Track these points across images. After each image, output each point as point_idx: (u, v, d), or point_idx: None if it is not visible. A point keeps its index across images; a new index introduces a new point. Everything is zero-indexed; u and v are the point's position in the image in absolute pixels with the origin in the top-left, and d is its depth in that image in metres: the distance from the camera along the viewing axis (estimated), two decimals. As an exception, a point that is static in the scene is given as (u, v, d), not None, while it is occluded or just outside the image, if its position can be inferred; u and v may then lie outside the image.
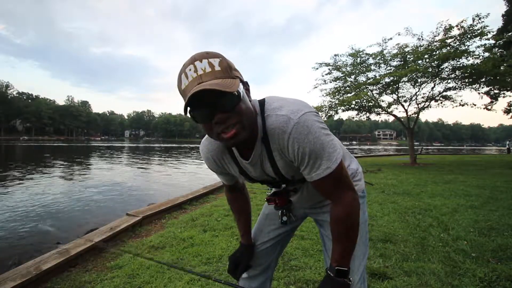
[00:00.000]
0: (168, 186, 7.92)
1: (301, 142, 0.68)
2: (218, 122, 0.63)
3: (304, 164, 0.72)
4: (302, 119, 0.68)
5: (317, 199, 0.98)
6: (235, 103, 0.63)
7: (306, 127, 0.68)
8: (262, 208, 1.18)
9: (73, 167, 12.17)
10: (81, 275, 2.08)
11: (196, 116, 0.65)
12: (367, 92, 11.19)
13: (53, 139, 70.19)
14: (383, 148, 46.80)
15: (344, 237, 0.77)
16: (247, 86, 0.73)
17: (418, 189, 5.38)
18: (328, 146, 0.70)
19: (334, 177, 0.73)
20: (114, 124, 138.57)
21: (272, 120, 0.71)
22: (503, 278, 1.88)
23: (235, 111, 0.63)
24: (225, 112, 0.63)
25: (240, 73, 0.70)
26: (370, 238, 2.67)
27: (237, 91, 0.62)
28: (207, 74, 0.62)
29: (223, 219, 3.39)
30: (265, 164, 0.81)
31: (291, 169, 0.80)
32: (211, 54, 0.64)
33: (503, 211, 3.60)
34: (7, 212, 4.91)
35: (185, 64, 0.64)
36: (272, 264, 1.12)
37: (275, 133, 0.71)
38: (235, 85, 0.62)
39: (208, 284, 1.90)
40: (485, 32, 9.04)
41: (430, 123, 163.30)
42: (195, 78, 0.62)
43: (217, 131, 0.65)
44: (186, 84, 0.63)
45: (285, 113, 0.70)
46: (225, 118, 0.63)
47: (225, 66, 0.64)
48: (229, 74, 0.64)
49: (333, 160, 0.71)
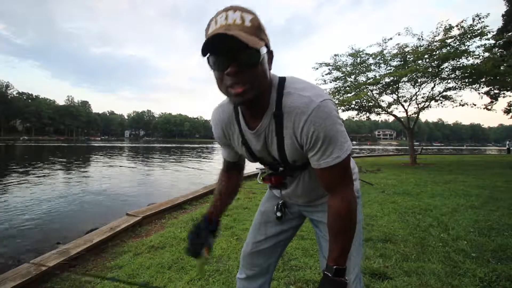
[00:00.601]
0: (168, 186, 7.92)
1: (318, 126, 0.68)
2: (230, 74, 0.62)
3: (315, 149, 0.72)
4: (324, 103, 0.68)
5: (313, 195, 0.97)
6: (253, 61, 0.62)
7: (325, 112, 0.68)
8: (259, 206, 1.16)
9: (73, 167, 12.17)
10: (81, 275, 2.08)
11: (212, 61, 0.63)
12: (367, 92, 11.18)
13: (53, 139, 70.19)
14: (383, 149, 46.78)
15: (343, 235, 0.76)
16: (271, 56, 0.71)
17: (418, 189, 5.38)
18: (341, 135, 0.71)
19: (342, 168, 0.73)
20: (114, 124, 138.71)
21: (293, 98, 0.71)
22: (503, 278, 1.88)
23: (250, 70, 0.62)
24: (240, 66, 0.61)
25: (268, 38, 0.69)
26: (370, 238, 2.67)
27: (258, 50, 0.61)
28: (236, 25, 0.60)
29: (223, 219, 3.38)
30: (270, 140, 0.80)
31: (296, 152, 0.78)
32: (247, 9, 0.64)
33: (503, 211, 3.59)
34: (7, 212, 4.91)
35: (219, 11, 0.63)
36: (271, 267, 1.10)
37: (294, 112, 0.70)
38: (259, 44, 0.61)
39: (208, 284, 1.90)
40: (485, 32, 9.04)
41: (430, 123, 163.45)
42: (223, 26, 0.60)
43: (227, 83, 0.64)
44: (213, 28, 0.62)
45: (308, 95, 0.69)
46: (237, 72, 0.61)
47: (256, 25, 0.63)
48: (257, 34, 0.63)
49: (344, 150, 0.71)
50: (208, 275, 2.02)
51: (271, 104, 0.74)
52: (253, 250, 1.08)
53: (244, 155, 0.91)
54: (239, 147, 0.89)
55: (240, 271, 1.11)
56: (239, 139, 0.86)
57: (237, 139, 0.87)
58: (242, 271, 1.09)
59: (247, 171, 7.42)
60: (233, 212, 3.68)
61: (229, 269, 2.11)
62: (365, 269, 2.02)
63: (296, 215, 1.09)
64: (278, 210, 1.04)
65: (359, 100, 11.36)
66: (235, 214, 3.58)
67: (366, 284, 1.84)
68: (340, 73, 11.94)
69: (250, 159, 0.92)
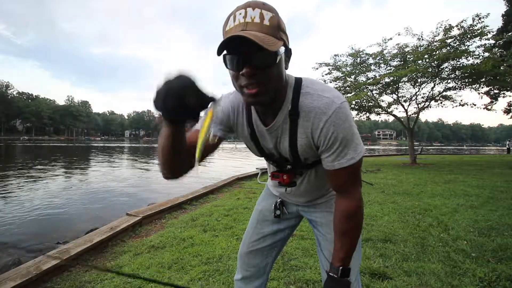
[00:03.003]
0: (168, 186, 7.92)
1: (337, 127, 0.69)
2: (244, 75, 0.61)
3: (331, 150, 0.72)
4: (343, 105, 0.70)
5: (314, 195, 0.97)
6: (268, 63, 0.61)
7: (345, 115, 0.70)
8: (255, 205, 1.16)
9: (73, 167, 12.17)
10: (81, 275, 2.08)
11: (228, 60, 0.63)
12: (367, 92, 11.18)
13: (53, 139, 70.14)
14: (383, 149, 46.75)
15: (350, 234, 0.77)
16: (289, 54, 0.70)
17: (418, 189, 5.38)
18: (357, 137, 0.73)
19: (354, 169, 0.74)
20: (114, 124, 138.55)
21: (313, 98, 0.71)
22: (503, 278, 1.88)
23: (265, 72, 0.62)
24: (255, 68, 0.61)
25: (287, 37, 0.67)
26: (370, 238, 2.67)
27: (275, 52, 0.60)
28: (254, 24, 0.59)
29: (223, 219, 3.39)
30: (282, 138, 0.79)
31: (309, 151, 0.78)
32: (267, 6, 0.62)
33: (503, 211, 3.59)
34: (7, 212, 4.91)
35: (238, 7, 0.62)
36: (267, 268, 1.09)
37: (313, 112, 0.71)
38: (276, 46, 0.60)
39: (208, 284, 1.90)
40: (485, 32, 9.03)
41: (430, 123, 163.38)
42: (241, 24, 0.59)
43: (241, 83, 0.64)
44: (230, 27, 0.61)
45: (329, 96, 0.70)
46: (252, 74, 0.61)
47: (274, 24, 0.61)
48: (275, 33, 0.61)
49: (358, 152, 0.73)
50: (208, 275, 2.02)
51: (287, 102, 0.74)
52: (249, 250, 1.07)
53: (251, 149, 0.91)
54: (246, 140, 0.88)
55: (237, 272, 1.11)
56: (247, 132, 0.84)
57: (243, 131, 0.85)
58: (239, 272, 1.09)
59: (247, 171, 7.44)
60: (233, 212, 3.68)
61: (229, 269, 2.11)
62: (365, 269, 2.02)
63: (294, 215, 1.09)
64: (277, 208, 1.03)
65: (359, 100, 11.35)
66: (235, 214, 3.58)
67: (366, 284, 1.84)
68: (340, 73, 11.94)
69: (257, 154, 0.91)
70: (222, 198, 4.70)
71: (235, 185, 6.05)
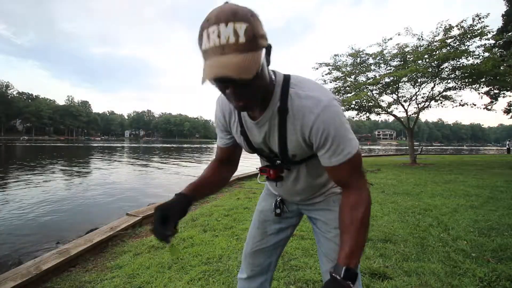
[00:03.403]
0: (168, 186, 7.92)
1: (327, 125, 0.70)
2: (228, 95, 0.66)
3: (325, 148, 0.73)
4: (332, 103, 0.71)
5: (309, 191, 0.96)
6: (250, 82, 0.62)
7: (334, 112, 0.71)
8: (256, 206, 1.16)
9: (73, 167, 12.17)
10: (81, 275, 2.08)
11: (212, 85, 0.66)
12: (367, 92, 11.17)
13: (53, 139, 70.14)
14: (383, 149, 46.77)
15: (358, 230, 0.72)
16: (269, 50, 0.68)
17: (418, 189, 5.38)
18: (349, 133, 0.73)
19: (353, 163, 0.74)
20: (114, 124, 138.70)
21: (301, 97, 0.72)
22: (503, 278, 1.88)
23: (249, 87, 0.64)
24: (238, 88, 0.63)
25: (266, 35, 0.64)
26: (370, 238, 2.67)
27: (256, 70, 0.59)
28: (229, 46, 0.57)
29: (223, 219, 3.39)
30: (271, 133, 0.80)
31: (298, 149, 0.79)
32: (239, 16, 0.57)
33: (503, 211, 3.60)
34: (7, 212, 4.91)
35: (209, 19, 0.58)
36: (272, 266, 1.09)
37: (301, 111, 0.72)
38: (256, 65, 0.59)
39: (208, 284, 1.90)
40: (485, 32, 9.03)
41: (430, 123, 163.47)
42: (218, 47, 0.57)
43: (229, 99, 0.68)
44: (206, 47, 0.59)
45: (317, 95, 0.72)
46: (237, 91, 0.64)
47: (250, 36, 0.58)
48: (253, 47, 0.59)
49: (353, 146, 0.73)
50: (208, 275, 2.02)
51: (274, 99, 0.75)
52: (253, 250, 1.07)
53: (241, 144, 0.92)
54: (237, 136, 0.90)
55: (241, 271, 1.11)
56: (238, 128, 0.87)
57: (235, 128, 0.89)
58: (243, 271, 1.09)
59: (247, 171, 7.43)
60: (233, 212, 3.68)
61: (229, 269, 2.11)
62: (365, 269, 2.03)
63: (295, 213, 1.09)
64: (277, 207, 1.04)
65: (359, 100, 11.35)
66: (235, 214, 3.58)
67: (366, 284, 1.84)
68: (340, 73, 11.94)
69: (247, 150, 0.92)
70: (222, 198, 4.70)
71: (235, 185, 6.04)
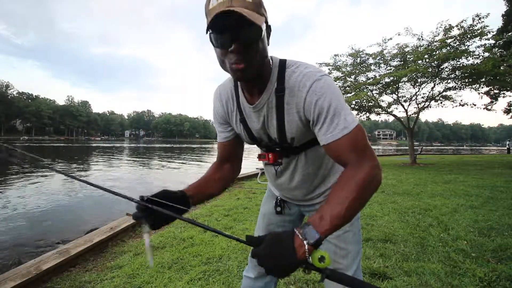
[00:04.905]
0: (168, 186, 7.91)
1: (320, 94, 0.69)
2: (234, 51, 0.63)
3: (320, 122, 0.70)
4: (325, 78, 0.71)
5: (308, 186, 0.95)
6: (255, 37, 0.63)
7: (327, 85, 0.70)
8: (260, 208, 1.18)
9: (73, 167, 12.17)
10: (81, 275, 2.08)
11: (216, 39, 0.64)
12: (367, 92, 11.18)
13: (53, 139, 70.13)
14: (383, 149, 46.76)
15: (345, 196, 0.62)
16: (269, 31, 0.72)
17: (418, 189, 5.38)
18: (345, 108, 0.70)
19: (351, 140, 0.67)
20: (114, 124, 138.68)
21: (296, 74, 0.73)
22: (503, 278, 1.88)
23: (252, 47, 0.64)
24: (243, 44, 0.63)
25: (267, 14, 0.70)
26: (370, 238, 2.67)
27: (260, 26, 0.62)
28: (238, 0, 0.60)
29: (223, 219, 3.39)
30: (270, 116, 0.80)
31: (296, 129, 0.78)
32: None
33: (503, 211, 3.59)
34: (7, 212, 4.91)
35: None
36: None
37: (296, 86, 0.73)
38: (261, 20, 0.62)
39: (208, 284, 1.90)
40: (485, 32, 9.04)
41: (430, 123, 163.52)
42: (225, 1, 0.60)
43: (230, 61, 0.66)
44: (214, 5, 0.62)
45: (310, 70, 0.73)
46: (241, 49, 0.63)
47: (257, 1, 0.64)
48: (258, 10, 0.64)
49: (349, 121, 0.68)
50: (208, 275, 2.02)
51: (272, 80, 0.76)
52: None
53: (241, 134, 0.91)
54: (237, 126, 0.90)
55: (247, 269, 1.12)
56: (237, 117, 0.87)
57: (235, 117, 0.88)
58: (250, 272, 1.10)
59: (247, 171, 7.44)
60: (233, 212, 3.68)
61: (229, 269, 2.11)
62: (365, 269, 2.02)
63: (297, 215, 1.10)
64: (278, 205, 1.05)
65: (359, 100, 11.37)
66: (235, 214, 3.58)
67: (366, 284, 1.84)
68: (340, 73, 11.94)
69: (247, 140, 0.92)
70: (222, 198, 4.70)
71: (235, 185, 6.04)
